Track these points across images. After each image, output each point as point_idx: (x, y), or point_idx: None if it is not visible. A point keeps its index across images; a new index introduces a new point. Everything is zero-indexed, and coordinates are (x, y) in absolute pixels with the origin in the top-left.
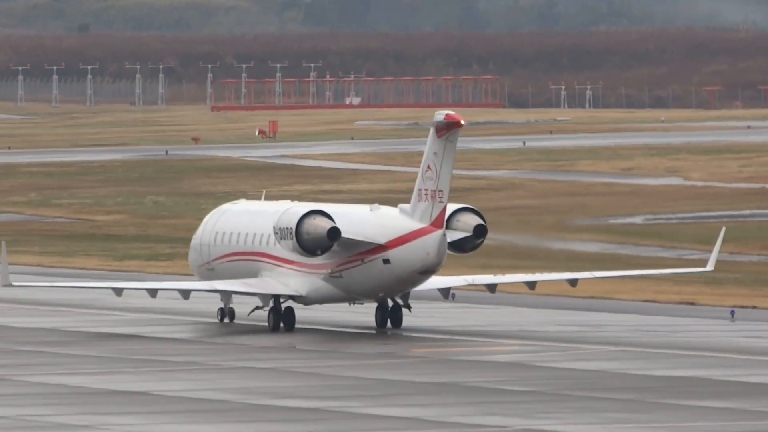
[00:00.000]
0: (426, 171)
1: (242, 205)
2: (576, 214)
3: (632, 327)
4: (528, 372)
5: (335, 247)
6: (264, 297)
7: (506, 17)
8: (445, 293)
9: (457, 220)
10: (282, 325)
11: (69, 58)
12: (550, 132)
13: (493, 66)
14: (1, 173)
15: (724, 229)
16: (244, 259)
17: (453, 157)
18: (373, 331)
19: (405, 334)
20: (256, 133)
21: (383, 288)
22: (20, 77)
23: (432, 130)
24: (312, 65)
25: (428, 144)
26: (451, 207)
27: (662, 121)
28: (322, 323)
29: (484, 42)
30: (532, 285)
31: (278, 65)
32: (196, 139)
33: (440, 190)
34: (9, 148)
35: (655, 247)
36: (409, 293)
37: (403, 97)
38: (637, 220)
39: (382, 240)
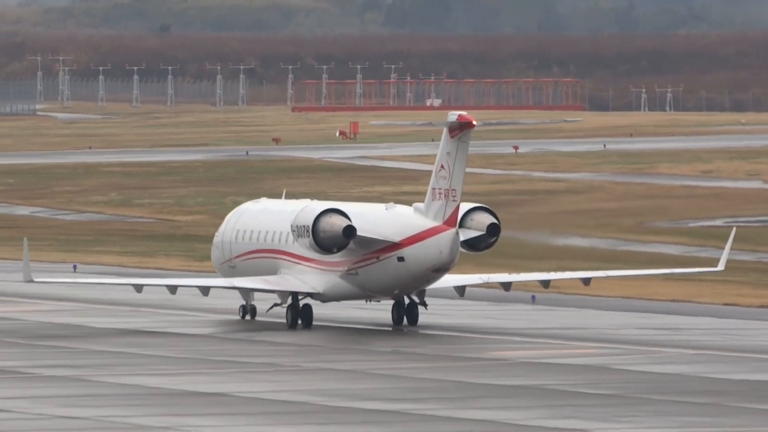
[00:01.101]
0: (439, 170)
1: (263, 203)
2: (656, 216)
3: (711, 330)
4: (606, 375)
5: (351, 245)
6: (282, 294)
7: (586, 20)
8: (461, 291)
9: (471, 219)
10: (300, 321)
11: (150, 58)
12: (630, 135)
13: (574, 68)
14: (82, 173)
15: (735, 229)
16: (264, 257)
17: (466, 157)
18: (400, 329)
19: (484, 336)
20: (337, 134)
21: (398, 285)
22: (101, 77)
23: (445, 131)
24: (392, 67)
25: (441, 144)
26: (466, 206)
27: (743, 124)
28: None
29: (564, 44)
30: (546, 283)
31: (359, 66)
32: (276, 140)
33: (453, 189)
34: (90, 147)
35: (735, 250)
36: (424, 291)
37: (484, 99)
38: (718, 222)
39: (396, 238)
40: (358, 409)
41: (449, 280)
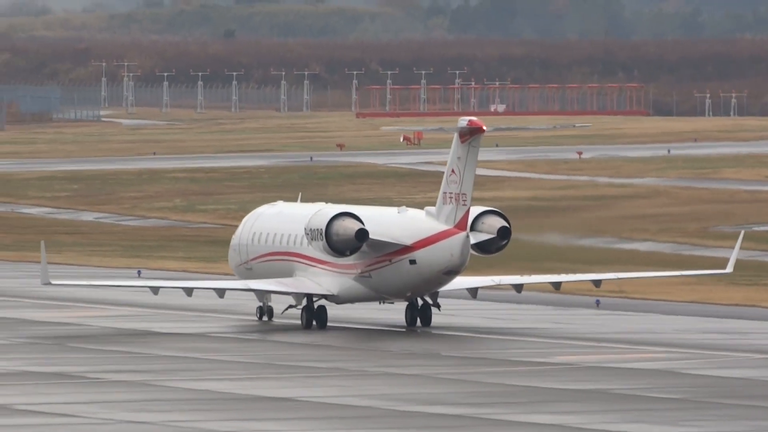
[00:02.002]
0: (450, 175)
1: (279, 206)
2: (720, 221)
3: None
4: (673, 379)
5: (365, 248)
6: (297, 296)
7: (651, 25)
8: (473, 293)
9: (482, 223)
10: (315, 323)
11: (214, 64)
12: (695, 140)
13: (638, 73)
14: (147, 179)
15: (743, 231)
16: (279, 259)
17: (476, 162)
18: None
19: (550, 341)
20: (401, 139)
21: (410, 288)
22: (165, 83)
23: (456, 136)
24: (457, 72)
25: (452, 149)
26: (477, 210)
27: None
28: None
29: (629, 49)
30: (557, 285)
31: (423, 72)
32: (340, 146)
33: (464, 194)
34: (154, 153)
35: None
36: (437, 293)
37: (548, 105)
38: None
39: (408, 241)
40: (423, 414)
41: (462, 282)
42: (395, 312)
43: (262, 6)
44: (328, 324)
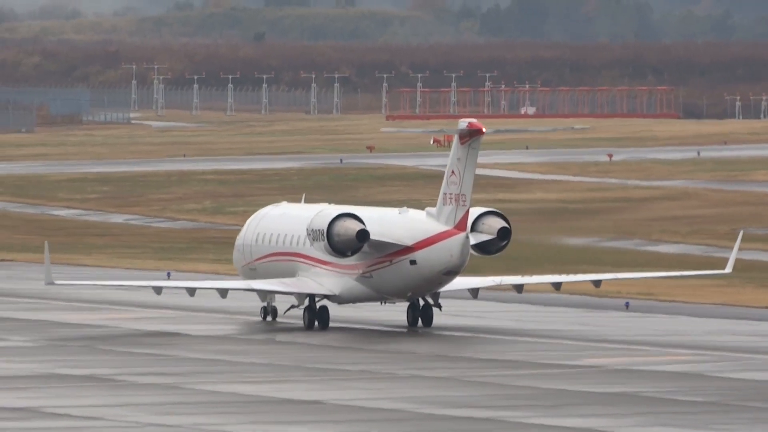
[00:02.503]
0: (450, 176)
1: (282, 207)
2: (750, 223)
3: None
4: (701, 382)
5: (366, 248)
6: (300, 296)
7: (681, 27)
8: (474, 293)
9: (483, 223)
10: (317, 323)
11: (244, 66)
12: (725, 142)
13: (668, 76)
14: (176, 181)
15: (742, 232)
16: (282, 260)
17: (475, 163)
18: (415, 330)
19: (578, 343)
20: (431, 142)
21: (411, 288)
22: (195, 86)
23: (456, 137)
24: (487, 75)
25: (453, 150)
26: (478, 210)
27: None
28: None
29: (659, 52)
30: (557, 286)
31: (453, 75)
32: (370, 148)
33: (463, 195)
34: (184, 156)
35: None
36: (439, 293)
37: (579, 107)
38: None
39: (409, 242)
40: (451, 417)
41: (464, 283)
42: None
43: (292, 9)
44: (330, 324)
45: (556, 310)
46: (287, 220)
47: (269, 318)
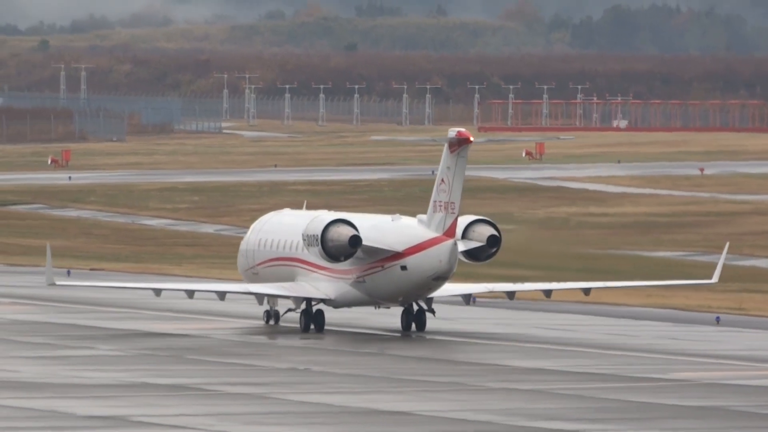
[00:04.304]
0: (440, 184)
1: (284, 214)
2: None
3: None
4: None
5: (359, 253)
6: (297, 300)
7: None
8: (467, 299)
9: (473, 231)
10: (312, 326)
11: (336, 76)
12: None
13: (761, 90)
14: (268, 191)
15: (728, 243)
16: (283, 264)
17: (464, 171)
18: (409, 335)
19: (668, 357)
20: (523, 154)
21: (402, 293)
22: (287, 95)
23: (446, 146)
24: (579, 87)
25: (442, 159)
26: (469, 218)
27: None
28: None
29: (751, 66)
30: (547, 293)
31: (545, 86)
32: None
33: (452, 202)
34: (275, 166)
35: None
36: (432, 299)
37: (670, 121)
38: None
39: (400, 248)
40: (540, 429)
41: (456, 289)
42: (391, 316)
43: (384, 19)
44: (326, 328)
45: (645, 323)
46: (288, 227)
47: (272, 322)
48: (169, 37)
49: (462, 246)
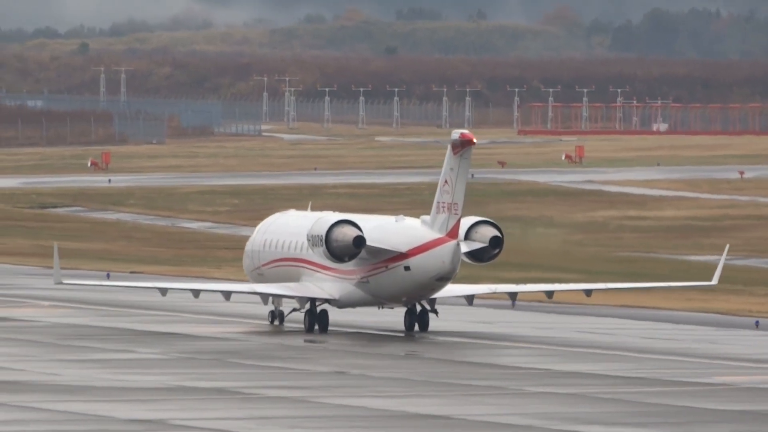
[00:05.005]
0: (443, 185)
1: (289, 215)
2: None
3: None
4: None
5: (363, 254)
6: (301, 300)
7: None
8: (470, 300)
9: (476, 232)
10: (317, 326)
11: (376, 79)
12: None
13: None
14: (308, 194)
15: (728, 246)
16: (288, 265)
17: (467, 173)
18: (412, 335)
19: (708, 361)
20: (563, 157)
21: (405, 293)
22: (327, 98)
23: (449, 148)
24: (619, 90)
25: (446, 160)
26: (472, 220)
27: None
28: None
29: None
30: (550, 294)
31: (585, 90)
32: (502, 163)
33: (455, 203)
34: (315, 169)
35: None
36: (435, 299)
37: (710, 125)
38: None
39: (404, 248)
40: None
41: (459, 290)
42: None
43: (424, 22)
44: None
45: (684, 327)
46: (292, 228)
47: (276, 322)
48: (209, 41)
49: (465, 247)
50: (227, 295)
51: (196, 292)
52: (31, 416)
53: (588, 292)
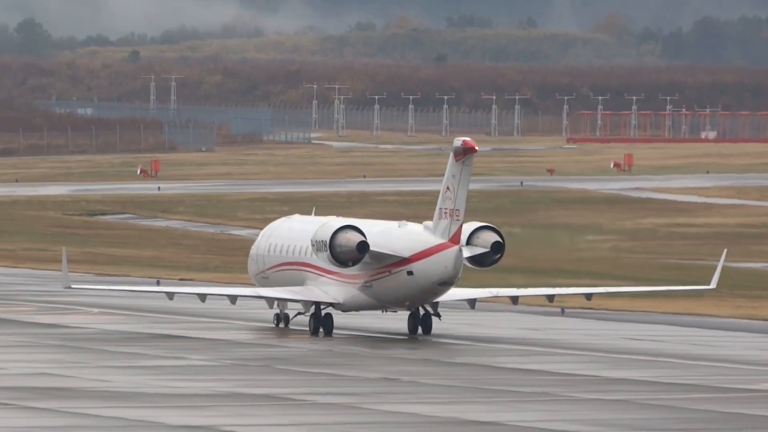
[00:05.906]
0: (446, 191)
1: (294, 220)
2: None
3: None
4: None
5: (367, 259)
6: (306, 303)
7: None
8: (471, 303)
9: (477, 237)
10: (321, 330)
11: (425, 87)
12: None
13: None
14: (357, 201)
15: (726, 250)
16: (292, 269)
17: (468, 180)
18: (415, 338)
19: (755, 368)
20: (611, 165)
21: (408, 297)
22: (376, 106)
23: (451, 155)
24: (668, 98)
25: (448, 167)
26: (474, 225)
27: None
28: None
29: None
30: (550, 298)
31: (634, 98)
32: (551, 171)
33: (457, 210)
34: (364, 176)
35: None
36: (438, 303)
37: (760, 132)
38: None
39: (406, 254)
40: None
41: (462, 294)
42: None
43: (474, 30)
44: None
45: (732, 334)
46: (297, 232)
47: (281, 325)
48: (260, 48)
49: (467, 252)
50: (233, 299)
51: (202, 297)
52: (81, 422)
53: (588, 296)
